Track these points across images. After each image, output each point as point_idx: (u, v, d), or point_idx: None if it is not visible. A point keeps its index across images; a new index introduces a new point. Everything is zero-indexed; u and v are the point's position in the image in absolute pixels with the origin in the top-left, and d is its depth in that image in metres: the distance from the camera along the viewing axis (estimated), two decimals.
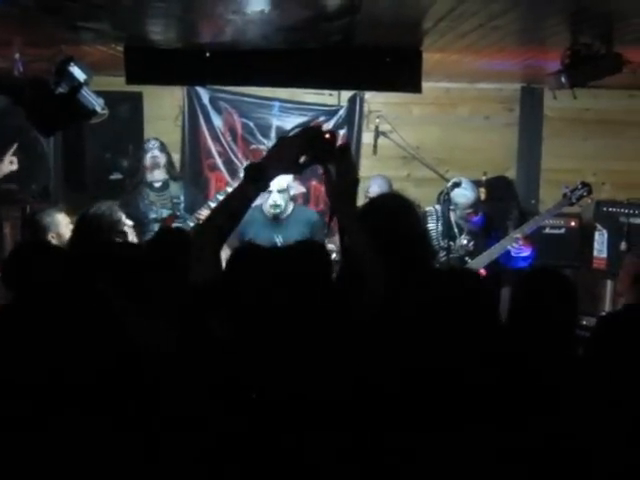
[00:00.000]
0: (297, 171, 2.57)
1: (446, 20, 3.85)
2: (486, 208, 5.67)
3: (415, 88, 5.02)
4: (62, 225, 4.81)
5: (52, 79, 4.56)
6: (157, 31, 4.40)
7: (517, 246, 5.37)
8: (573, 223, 6.64)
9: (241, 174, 5.97)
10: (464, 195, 5.44)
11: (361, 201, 6.24)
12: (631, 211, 6.37)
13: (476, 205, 5.49)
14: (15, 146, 5.58)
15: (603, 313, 5.38)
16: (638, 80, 4.52)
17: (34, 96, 4.56)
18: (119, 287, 2.95)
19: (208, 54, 4.89)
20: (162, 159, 6.21)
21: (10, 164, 5.54)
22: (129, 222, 4.69)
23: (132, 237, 4.64)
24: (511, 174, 7.15)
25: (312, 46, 4.77)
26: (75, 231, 4.57)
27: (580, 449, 2.39)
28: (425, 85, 5.18)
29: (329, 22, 3.95)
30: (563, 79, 4.41)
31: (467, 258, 5.48)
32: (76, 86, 4.56)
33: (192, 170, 7.11)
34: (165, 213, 6.11)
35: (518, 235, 5.40)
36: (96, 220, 4.48)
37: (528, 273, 3.85)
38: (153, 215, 6.05)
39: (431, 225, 5.55)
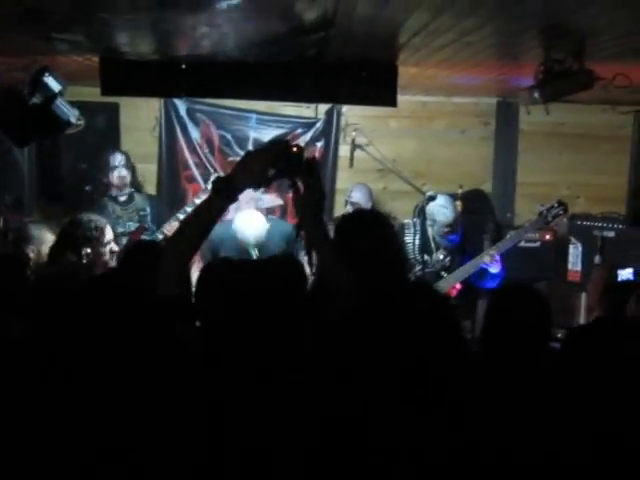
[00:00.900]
0: (265, 184, 2.58)
1: (420, 35, 3.88)
2: (463, 221, 5.67)
3: (390, 102, 5.04)
4: (45, 244, 4.72)
5: (26, 89, 4.54)
6: (131, 43, 4.39)
7: (489, 261, 5.37)
8: (548, 236, 6.67)
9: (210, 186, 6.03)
10: (444, 213, 5.40)
11: (342, 209, 6.36)
12: (605, 225, 6.44)
13: (454, 224, 5.47)
14: None
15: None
16: (611, 95, 4.56)
17: (8, 106, 4.54)
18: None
19: (184, 66, 4.89)
20: (129, 177, 6.22)
21: None
22: (115, 247, 4.59)
23: (109, 260, 4.54)
24: (487, 187, 7.19)
25: (288, 60, 4.78)
26: (59, 238, 4.50)
27: (543, 460, 2.40)
28: (402, 98, 5.21)
29: (304, 36, 3.96)
30: (536, 94, 4.44)
31: (443, 273, 5.48)
32: (51, 97, 4.54)
33: (169, 181, 7.09)
34: (132, 226, 6.09)
35: (493, 252, 5.40)
36: (81, 230, 4.42)
37: (501, 289, 3.88)
38: (121, 229, 5.99)
39: (408, 238, 5.54)
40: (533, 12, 3.31)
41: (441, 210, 5.41)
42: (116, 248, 4.61)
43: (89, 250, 4.33)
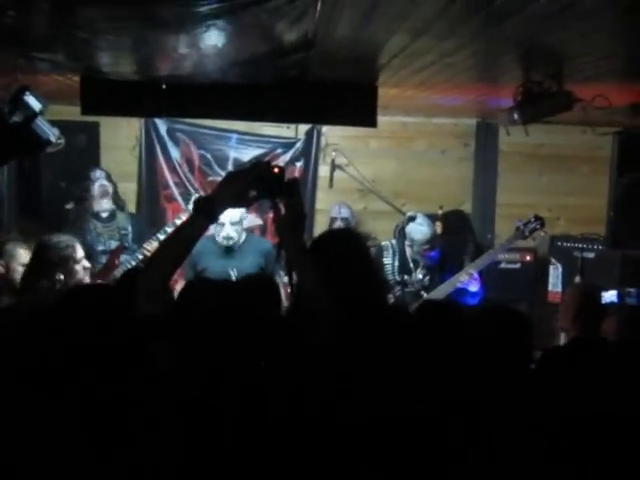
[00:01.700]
0: (246, 205, 2.59)
1: (400, 57, 3.90)
2: (442, 242, 5.70)
3: (370, 123, 5.06)
4: (16, 260, 4.61)
5: (7, 108, 4.52)
6: (112, 63, 4.38)
7: (467, 279, 5.40)
8: (528, 257, 6.71)
9: (190, 206, 6.00)
10: (421, 231, 5.46)
11: (322, 229, 6.34)
12: (585, 246, 6.49)
13: (432, 240, 5.52)
14: None
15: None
16: (589, 117, 4.60)
17: None
18: None
19: (164, 86, 4.88)
20: (110, 188, 6.14)
21: None
22: (87, 264, 4.56)
23: (84, 277, 4.49)
24: (467, 208, 7.21)
25: (268, 80, 4.79)
26: (32, 260, 4.46)
27: None
28: (382, 119, 5.23)
29: (284, 57, 3.98)
30: (515, 116, 4.48)
31: (423, 292, 5.50)
32: (31, 116, 4.52)
33: (149, 200, 7.07)
34: (113, 244, 6.03)
35: (472, 270, 5.43)
36: (53, 252, 4.38)
37: (483, 310, 3.87)
38: (101, 247, 5.96)
39: (387, 260, 5.58)
40: (512, 35, 3.34)
41: (418, 228, 5.46)
42: (88, 265, 4.55)
43: (62, 276, 4.27)
